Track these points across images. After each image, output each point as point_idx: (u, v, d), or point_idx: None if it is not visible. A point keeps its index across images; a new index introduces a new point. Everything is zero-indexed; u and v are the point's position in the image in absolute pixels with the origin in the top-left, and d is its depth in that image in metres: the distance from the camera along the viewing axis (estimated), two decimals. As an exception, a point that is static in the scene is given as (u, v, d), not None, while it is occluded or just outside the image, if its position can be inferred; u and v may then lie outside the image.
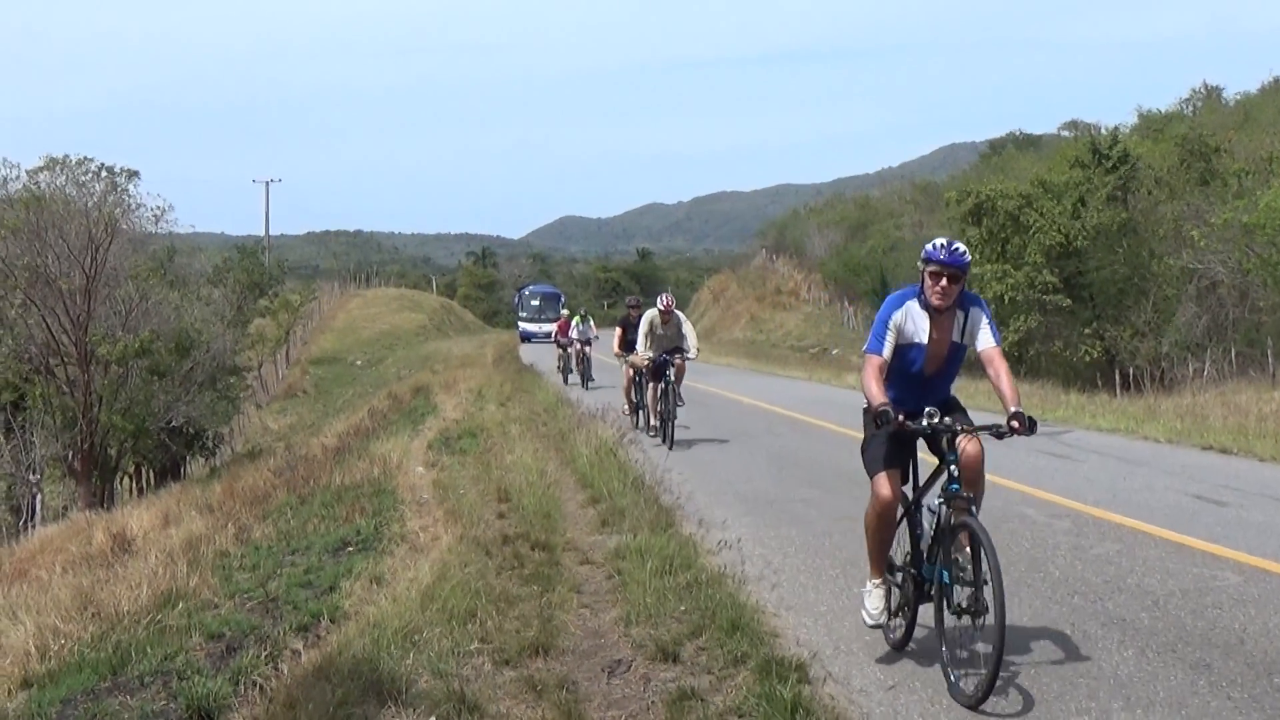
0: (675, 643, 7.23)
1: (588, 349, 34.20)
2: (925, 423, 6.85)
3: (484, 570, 9.11)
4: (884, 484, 7.23)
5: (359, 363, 67.03)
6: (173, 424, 34.08)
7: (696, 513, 11.82)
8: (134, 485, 38.15)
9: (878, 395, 6.97)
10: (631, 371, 20.74)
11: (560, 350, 37.51)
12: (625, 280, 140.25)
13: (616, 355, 21.81)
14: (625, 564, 9.19)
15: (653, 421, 19.83)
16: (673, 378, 18.73)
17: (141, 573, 10.71)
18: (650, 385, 19.56)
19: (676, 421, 18.74)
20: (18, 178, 33.21)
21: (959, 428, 6.89)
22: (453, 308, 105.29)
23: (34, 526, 27.26)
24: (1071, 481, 13.92)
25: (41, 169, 33.95)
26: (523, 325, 78.32)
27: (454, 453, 17.14)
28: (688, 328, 19.19)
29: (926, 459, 7.22)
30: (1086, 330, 40.07)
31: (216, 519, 14.68)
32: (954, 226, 46.49)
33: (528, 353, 51.83)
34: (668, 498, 12.48)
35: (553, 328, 70.88)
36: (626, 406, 21.73)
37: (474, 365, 37.41)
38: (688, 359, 19.16)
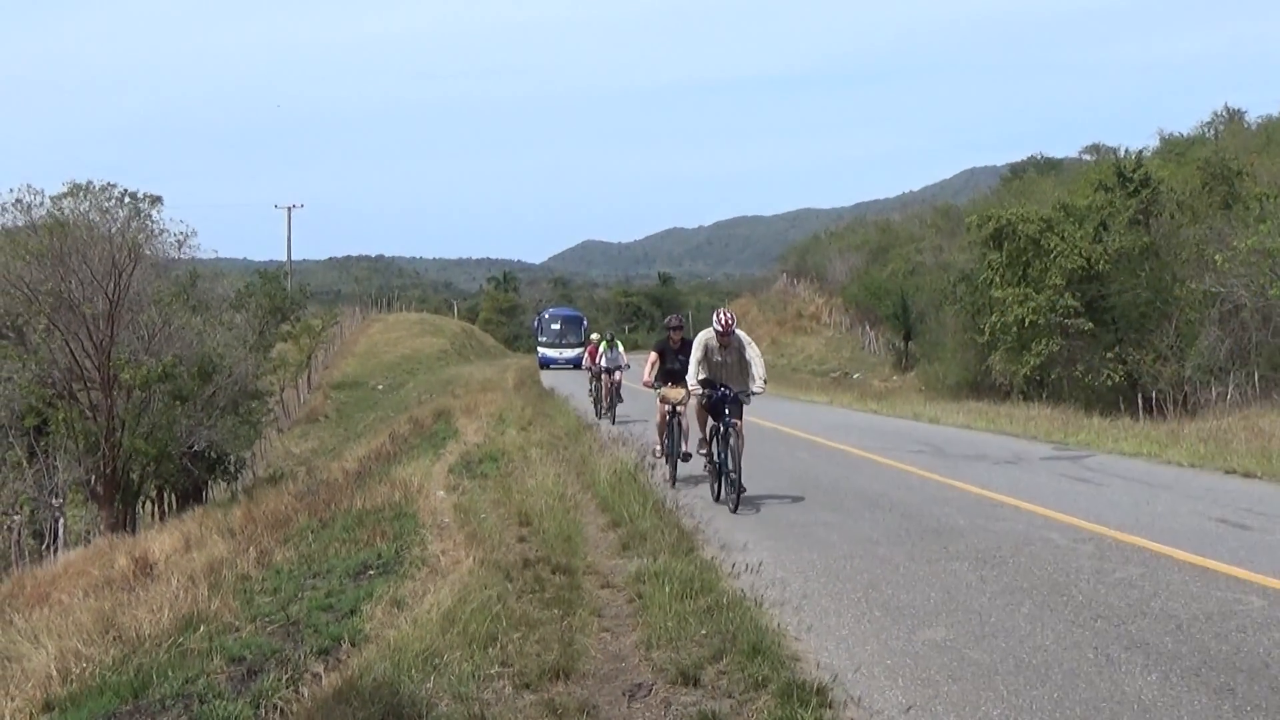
0: (696, 666, 7.21)
1: (618, 375, 30.68)
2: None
3: (505, 594, 9.11)
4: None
5: (380, 387, 67.12)
6: (195, 448, 34.14)
7: (717, 536, 11.81)
8: (156, 509, 38.22)
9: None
10: (666, 408, 16.67)
11: (593, 379, 33.88)
12: (646, 304, 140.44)
13: (647, 386, 17.18)
14: (646, 587, 9.17)
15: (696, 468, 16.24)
16: (733, 420, 14.36)
17: (163, 596, 10.75)
18: (682, 421, 16.60)
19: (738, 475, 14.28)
20: (42, 204, 33.32)
21: None
22: (474, 332, 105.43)
23: (57, 550, 27.33)
24: (1095, 505, 13.86)
25: (65, 195, 34.06)
26: (542, 351, 73.68)
27: (475, 477, 17.14)
28: (754, 352, 14.87)
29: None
30: (1108, 354, 39.93)
31: (238, 543, 14.72)
32: (975, 251, 46.51)
33: (548, 378, 51.85)
34: (688, 521, 12.47)
35: (574, 353, 70.39)
36: (658, 449, 17.54)
37: (495, 390, 37.43)
38: (754, 395, 14.70)
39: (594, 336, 36.79)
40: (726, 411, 14.48)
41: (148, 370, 29.80)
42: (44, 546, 29.34)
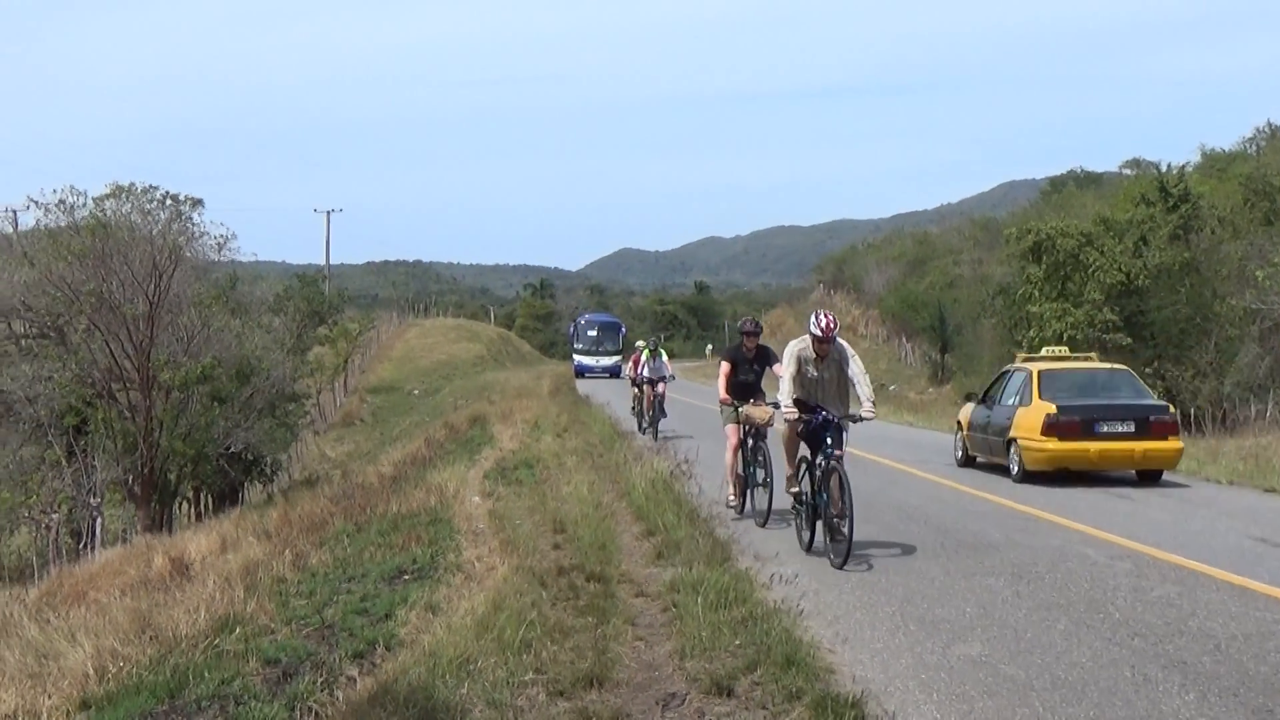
0: (730, 677, 7.20)
1: (661, 387, 28.20)
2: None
3: (539, 601, 9.12)
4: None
5: (416, 392, 67.33)
6: (232, 450, 34.34)
7: (751, 547, 11.79)
8: (192, 510, 38.42)
9: None
10: (742, 431, 14.32)
11: (636, 390, 30.76)
12: (682, 313, 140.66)
13: (725, 404, 14.32)
14: (680, 597, 9.16)
15: (785, 507, 13.25)
16: (835, 450, 11.62)
17: (199, 597, 10.80)
18: (763, 449, 14.10)
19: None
20: (84, 205, 33.62)
21: None
22: (510, 338, 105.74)
23: (94, 550, 27.48)
24: (1132, 522, 13.78)
25: (108, 196, 34.36)
26: (578, 358, 70.59)
27: (510, 483, 17.17)
28: (857, 367, 12.07)
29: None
30: (1147, 370, 39.70)
31: (274, 545, 14.78)
32: (1013, 264, 46.35)
33: (584, 386, 51.85)
34: (723, 531, 12.46)
35: (611, 361, 69.31)
36: (731, 489, 14.58)
37: (530, 396, 37.45)
38: (864, 419, 12.05)
39: (638, 344, 32.97)
40: (828, 441, 11.75)
41: (186, 371, 30.00)
42: (81, 546, 29.53)
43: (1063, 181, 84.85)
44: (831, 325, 11.93)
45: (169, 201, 34.96)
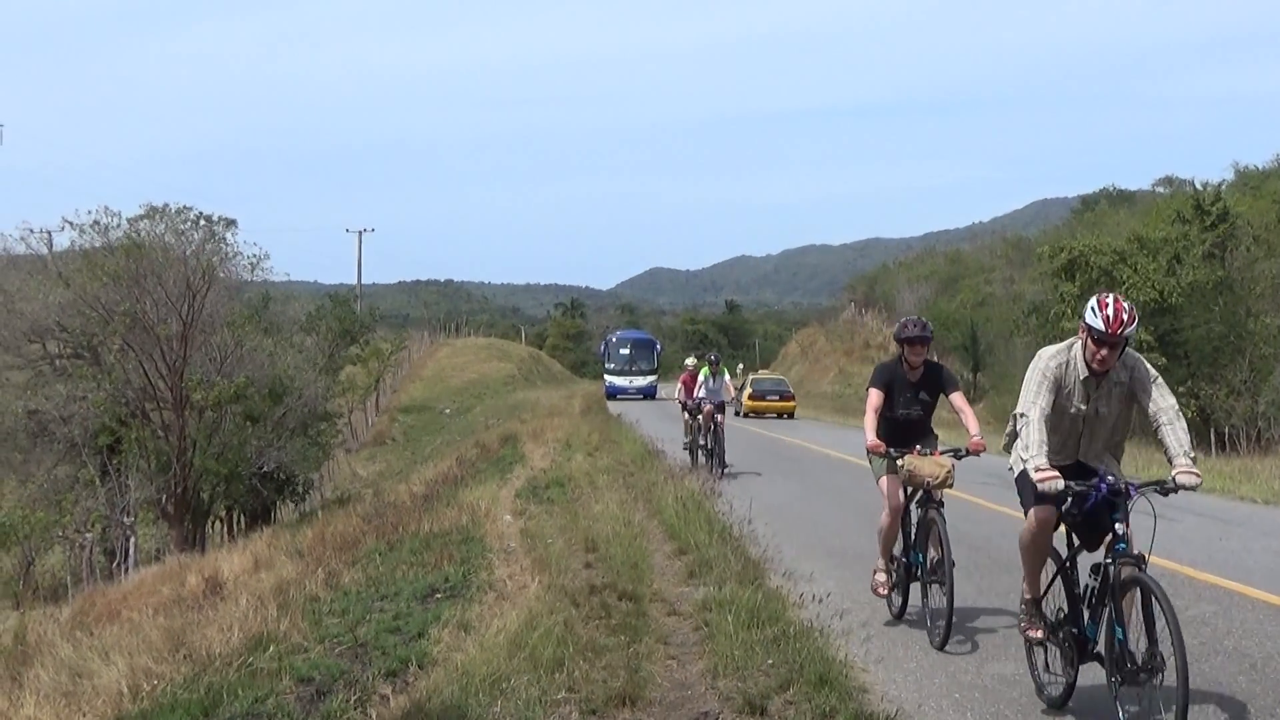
0: (763, 696, 7.17)
1: (720, 417, 23.56)
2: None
3: (571, 619, 9.11)
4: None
5: (448, 411, 67.42)
6: (264, 469, 34.46)
7: (784, 566, 11.76)
8: (225, 529, 38.57)
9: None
10: (904, 494, 9.78)
11: (688, 417, 25.60)
12: (713, 332, 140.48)
13: (876, 452, 9.67)
14: (713, 615, 9.14)
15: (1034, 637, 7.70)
16: (1124, 544, 7.03)
17: (233, 615, 10.83)
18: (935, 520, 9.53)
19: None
20: (118, 225, 33.82)
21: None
22: (541, 358, 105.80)
23: (127, 569, 27.61)
24: (1166, 541, 13.64)
25: (142, 217, 34.56)
26: (610, 379, 66.88)
27: (541, 502, 17.18)
28: (1166, 400, 7.37)
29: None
30: (1181, 388, 39.47)
31: (306, 564, 14.80)
32: (1046, 282, 46.21)
33: (614, 405, 51.74)
34: (755, 550, 12.43)
35: (645, 382, 66.73)
36: (884, 577, 10.10)
37: (562, 415, 37.48)
38: (1184, 489, 7.16)
39: (689, 362, 27.07)
40: (1116, 528, 6.96)
41: (219, 391, 30.14)
42: (115, 565, 29.65)
43: (1095, 200, 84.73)
44: (1124, 318, 6.70)
45: (203, 222, 35.14)
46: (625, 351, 68.53)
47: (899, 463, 9.45)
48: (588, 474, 20.07)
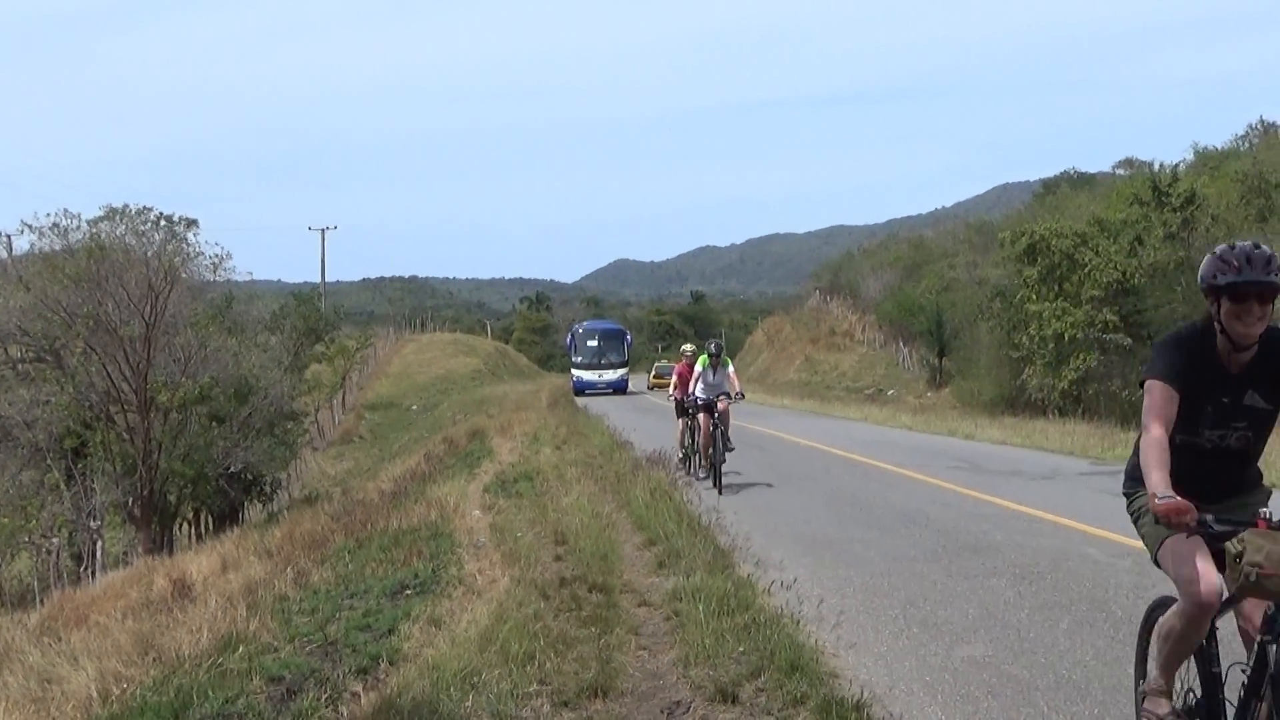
0: (734, 684, 7.19)
1: (722, 404, 19.12)
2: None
3: (541, 612, 9.11)
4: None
5: (414, 407, 67.27)
6: (231, 470, 34.30)
7: (753, 554, 11.78)
8: (193, 531, 38.37)
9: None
10: (1215, 586, 5.05)
11: (684, 418, 21.17)
12: (679, 323, 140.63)
13: (1182, 525, 4.71)
14: (683, 605, 9.15)
15: None
16: None
17: (202, 617, 10.78)
18: None
19: None
20: (78, 228, 33.68)
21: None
22: (507, 352, 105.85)
23: (95, 573, 27.43)
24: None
25: (102, 219, 34.47)
26: (577, 373, 63.26)
27: (510, 496, 17.16)
28: None
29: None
30: (1145, 368, 39.63)
31: (275, 563, 14.76)
32: (1009, 266, 46.41)
33: (583, 398, 51.63)
34: (724, 539, 12.45)
35: (616, 376, 62.34)
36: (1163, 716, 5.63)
37: (529, 409, 37.48)
38: None
39: (687, 349, 22.71)
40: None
41: (184, 392, 29.99)
42: (82, 569, 29.45)
43: (1056, 183, 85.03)
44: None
45: (163, 223, 35.08)
46: (593, 343, 64.83)
47: (1230, 547, 4.71)
48: (556, 467, 20.06)
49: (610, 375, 62.54)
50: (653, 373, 72.82)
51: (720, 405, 18.84)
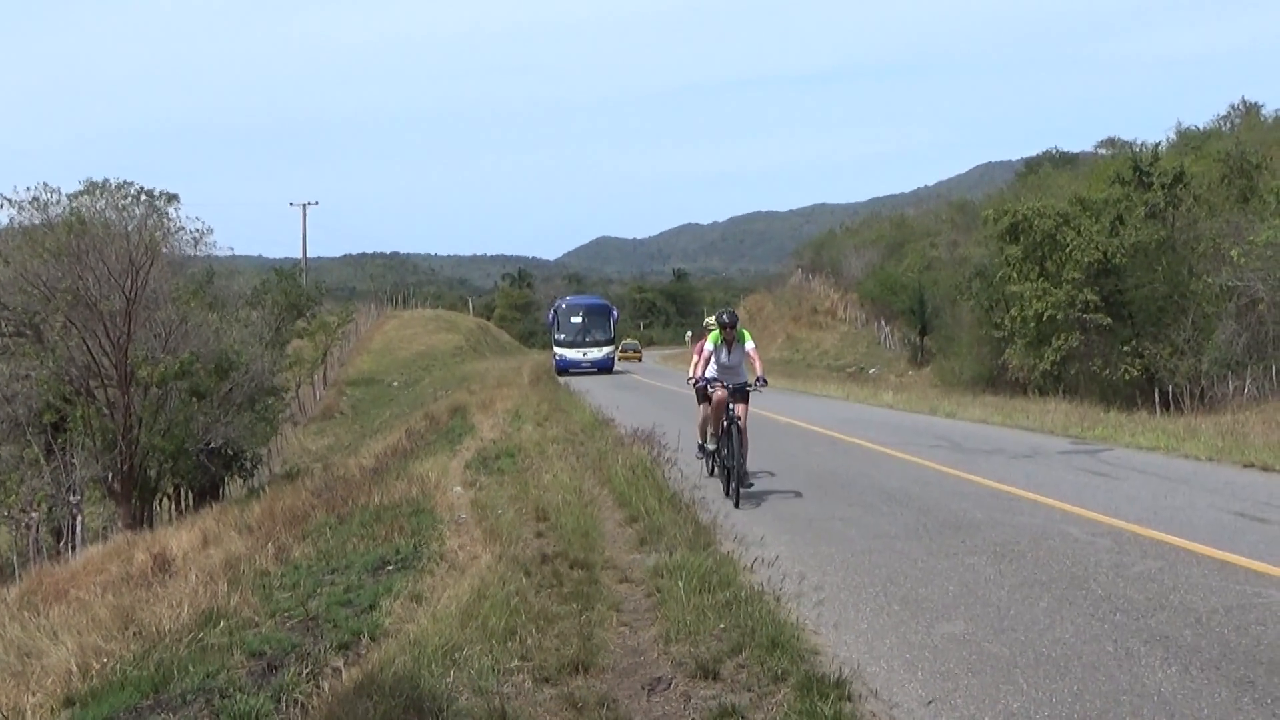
0: (715, 660, 7.21)
1: (738, 409, 14.93)
2: None
3: (523, 588, 9.12)
4: None
5: (396, 384, 67.18)
6: (212, 445, 34.17)
7: (734, 531, 11.80)
8: (173, 506, 38.25)
9: None
10: None
11: (705, 403, 16.31)
12: (661, 301, 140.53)
13: None
14: (664, 582, 9.17)
15: None
16: None
17: (182, 592, 10.78)
18: None
19: None
20: (58, 202, 33.54)
21: None
22: (489, 328, 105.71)
23: (75, 548, 27.37)
24: (1112, 499, 13.82)
25: (82, 193, 34.36)
26: (560, 352, 58.42)
27: (492, 472, 17.15)
28: None
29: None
30: (1126, 348, 39.79)
31: (256, 539, 14.75)
32: (991, 245, 46.45)
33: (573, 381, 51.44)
34: (705, 516, 12.46)
35: (601, 354, 58.69)
36: None
37: (510, 385, 37.43)
38: None
39: (710, 322, 16.33)
40: None
41: (165, 367, 29.86)
42: (62, 544, 29.38)
43: (1039, 162, 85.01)
44: None
45: (144, 197, 34.97)
46: (577, 320, 59.86)
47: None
48: (537, 444, 20.06)
49: (595, 354, 58.77)
50: (619, 349, 72.36)
51: (738, 411, 14.79)
